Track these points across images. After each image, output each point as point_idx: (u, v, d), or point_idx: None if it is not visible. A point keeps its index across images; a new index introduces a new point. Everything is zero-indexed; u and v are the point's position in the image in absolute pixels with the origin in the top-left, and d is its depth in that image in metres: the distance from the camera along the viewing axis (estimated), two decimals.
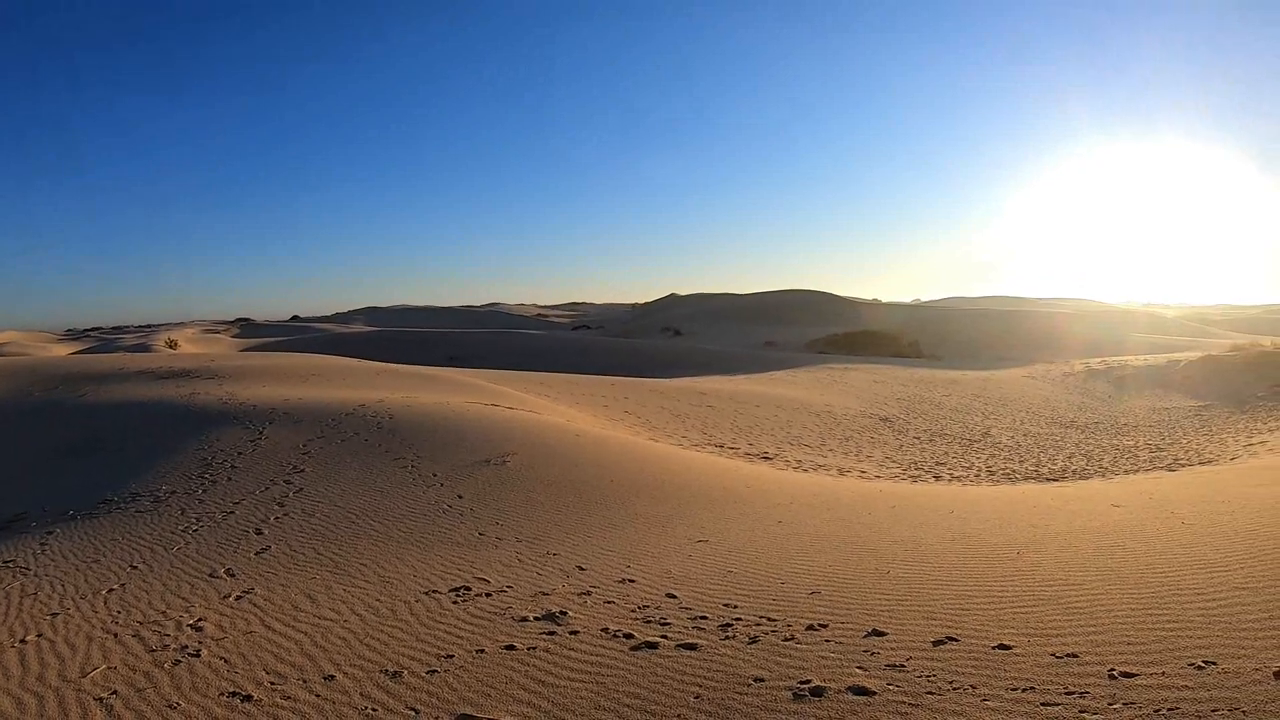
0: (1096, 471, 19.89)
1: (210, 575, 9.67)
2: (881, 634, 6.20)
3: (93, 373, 28.39)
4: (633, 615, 7.35)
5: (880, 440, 25.50)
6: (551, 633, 7.00)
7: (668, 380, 38.67)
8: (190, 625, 7.78)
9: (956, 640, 5.93)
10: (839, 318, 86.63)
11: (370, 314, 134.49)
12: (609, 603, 7.84)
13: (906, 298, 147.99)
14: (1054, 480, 18.88)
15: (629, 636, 6.73)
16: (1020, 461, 21.90)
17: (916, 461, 22.13)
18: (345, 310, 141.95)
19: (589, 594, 8.17)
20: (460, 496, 13.07)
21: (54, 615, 8.42)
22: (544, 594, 8.25)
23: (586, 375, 38.30)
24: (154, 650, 7.13)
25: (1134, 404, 32.64)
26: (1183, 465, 20.07)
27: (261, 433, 17.61)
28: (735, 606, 7.37)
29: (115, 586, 9.40)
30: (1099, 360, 45.70)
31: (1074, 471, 20.06)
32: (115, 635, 7.62)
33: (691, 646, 6.35)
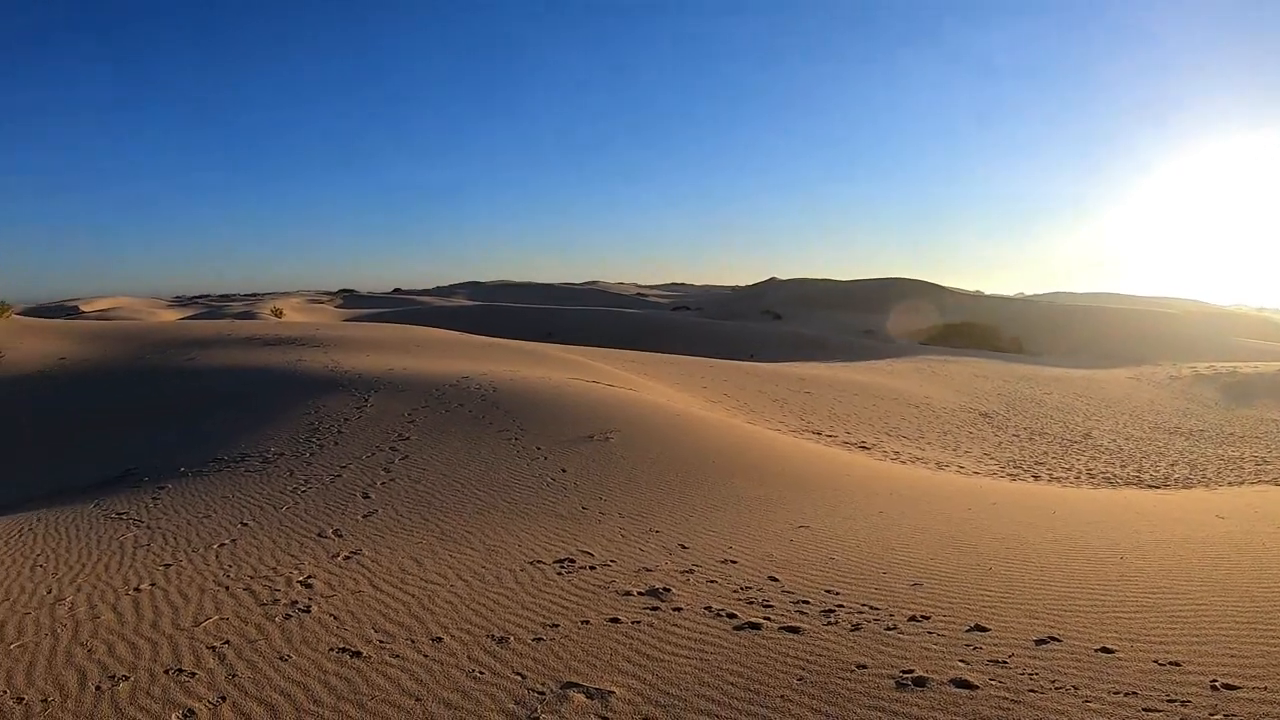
0: (1200, 481, 19.10)
1: (319, 535, 9.74)
2: (984, 629, 6.03)
3: (200, 338, 29.28)
4: (735, 595, 7.18)
5: (979, 436, 24.94)
6: (655, 608, 6.85)
7: (767, 364, 38.35)
8: (300, 582, 7.80)
9: (1059, 640, 5.74)
10: (941, 309, 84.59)
11: (471, 288, 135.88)
12: (711, 582, 7.65)
13: (1010, 290, 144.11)
14: (1155, 487, 18.11)
15: (732, 616, 6.57)
16: (1122, 466, 21.18)
17: (1015, 460, 21.58)
18: (447, 284, 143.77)
19: (692, 572, 7.99)
20: (564, 470, 12.99)
21: (166, 566, 8.55)
22: (647, 570, 8.09)
23: (685, 356, 38.13)
24: (265, 604, 7.16)
25: (1242, 413, 31.31)
26: None
27: (367, 400, 17.82)
28: (837, 593, 7.16)
29: (226, 541, 9.53)
30: (1207, 365, 44.19)
31: (1177, 479, 19.29)
32: (227, 588, 7.68)
33: (794, 630, 6.18)
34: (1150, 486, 18.22)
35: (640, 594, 7.27)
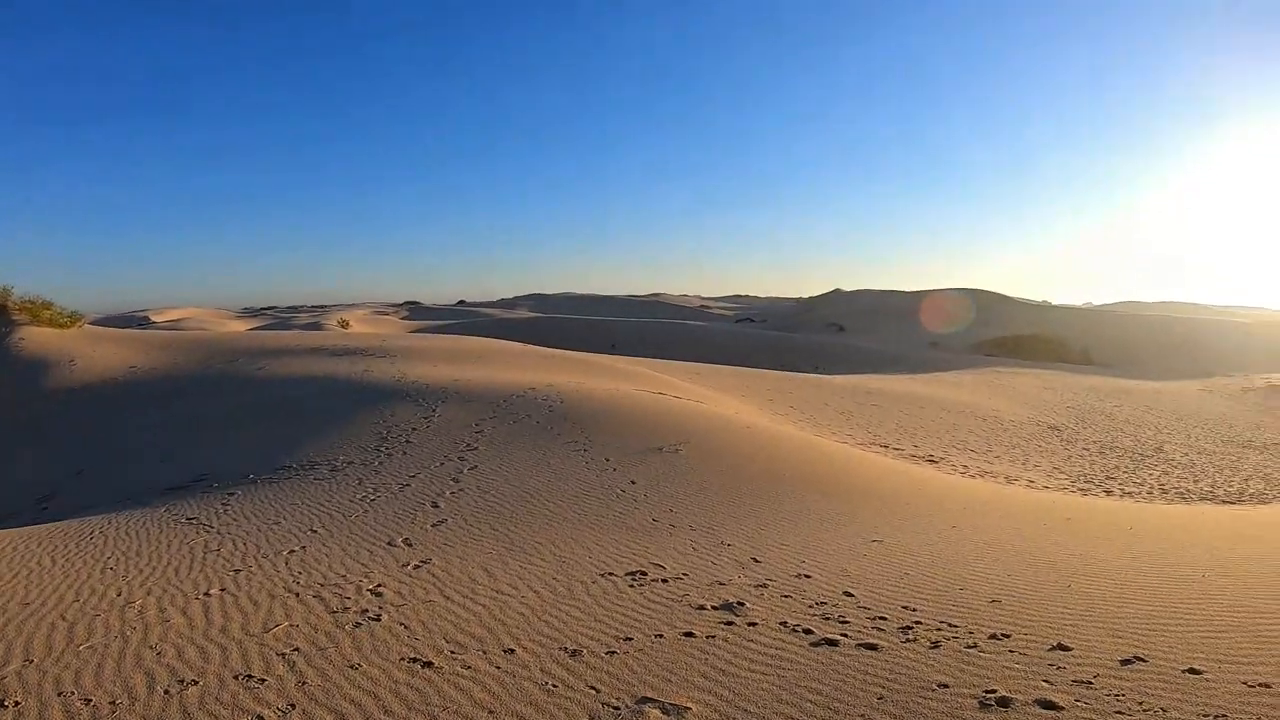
0: (1277, 496, 18.78)
1: (388, 544, 9.65)
2: (1066, 648, 5.81)
3: (269, 348, 29.61)
4: (810, 611, 6.96)
5: (1048, 450, 24.49)
6: (729, 623, 6.65)
7: (832, 377, 38.11)
8: (370, 590, 7.69)
9: (1144, 661, 5.54)
10: (1008, 320, 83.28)
11: (535, 300, 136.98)
12: (786, 596, 7.43)
13: (1077, 299, 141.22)
14: (1230, 503, 17.75)
15: (808, 632, 6.36)
16: (1195, 480, 20.69)
17: (1086, 474, 21.19)
18: (510, 296, 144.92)
19: (765, 586, 7.76)
20: (633, 482, 12.79)
21: (237, 572, 8.50)
22: (720, 584, 7.87)
23: (750, 369, 37.90)
24: (335, 612, 7.05)
25: None
26: None
27: (434, 410, 17.81)
28: (914, 610, 6.93)
29: (296, 548, 9.47)
30: None
31: (1252, 495, 18.90)
32: (296, 595, 7.59)
33: (872, 647, 5.98)
34: (1225, 502, 17.94)
35: (714, 608, 7.06)
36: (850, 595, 7.42)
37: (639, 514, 11.15)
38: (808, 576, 8.15)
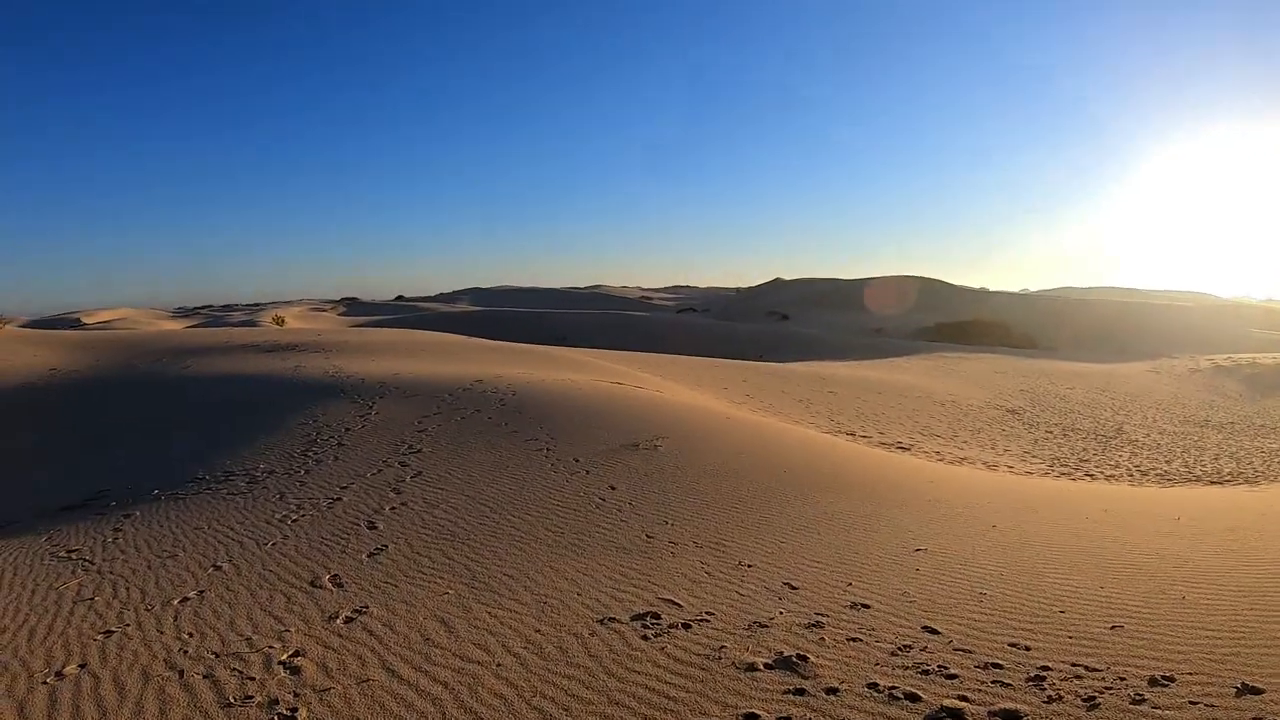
0: (1261, 476, 18.20)
1: (311, 584, 7.43)
2: (1256, 690, 4.43)
3: (197, 346, 27.42)
4: (896, 661, 5.17)
5: (1013, 434, 23.68)
6: (799, 690, 4.80)
7: (785, 364, 36.93)
8: (283, 663, 5.53)
9: None
10: (948, 306, 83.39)
11: (475, 294, 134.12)
12: (853, 640, 5.58)
13: (1013, 286, 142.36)
14: (1217, 484, 17.08)
15: (913, 698, 4.62)
16: (1167, 461, 20.19)
17: (1058, 457, 20.41)
18: (450, 290, 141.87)
19: (819, 626, 5.85)
20: (613, 488, 10.68)
21: (107, 634, 6.31)
22: (761, 625, 5.91)
23: (699, 357, 36.23)
24: (232, 703, 4.93)
25: (1269, 404, 30.92)
26: None
27: (371, 407, 15.62)
28: (1027, 648, 5.30)
29: (191, 594, 7.26)
30: (1225, 357, 43.67)
31: (1230, 474, 18.34)
32: (180, 673, 5.44)
33: (1015, 717, 4.32)
34: (1213, 483, 17.34)
35: (769, 666, 5.18)
36: (934, 632, 5.69)
37: (628, 529, 9.05)
38: (866, 606, 6.34)
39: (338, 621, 6.36)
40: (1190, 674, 4.71)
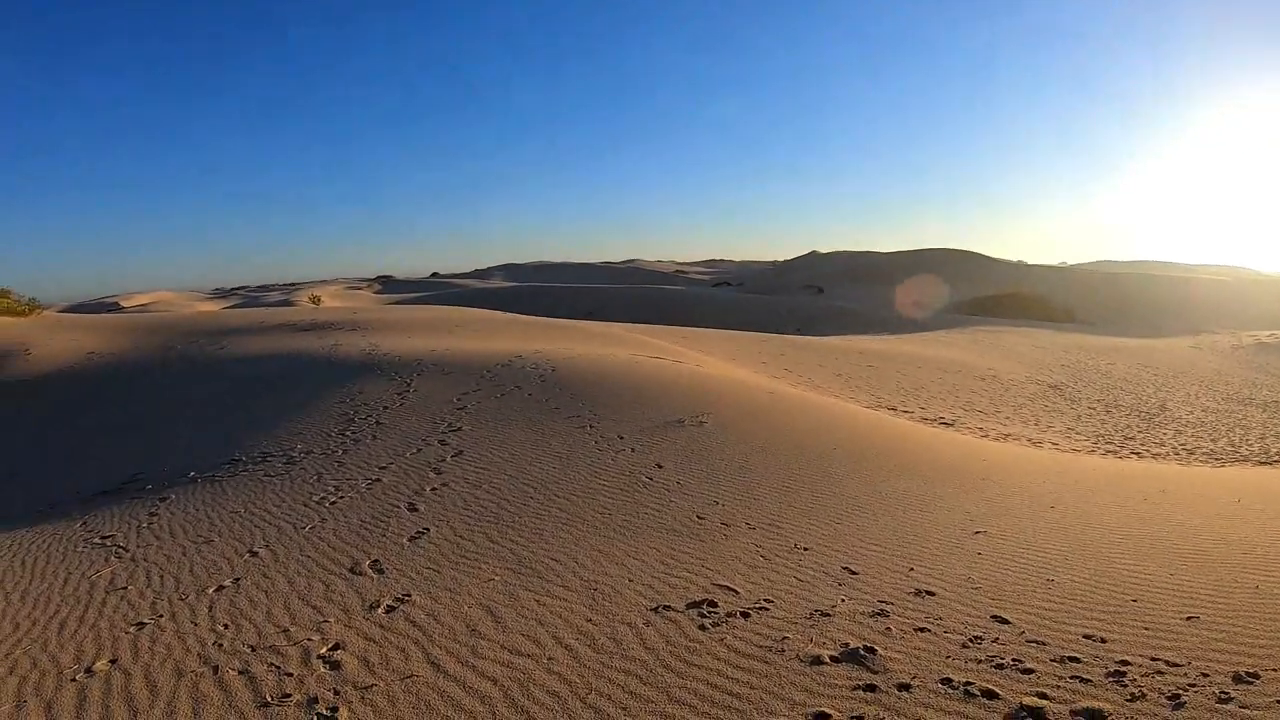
0: None
1: (351, 570, 7.12)
2: None
3: (234, 326, 27.28)
4: (968, 654, 4.80)
5: (1055, 409, 22.93)
6: (869, 686, 4.44)
7: (823, 338, 36.36)
8: (322, 657, 5.23)
9: None
10: (985, 279, 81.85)
11: (509, 270, 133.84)
12: (920, 630, 5.21)
13: (1052, 260, 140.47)
14: (1267, 464, 16.24)
15: (990, 695, 4.28)
16: (1213, 440, 19.29)
17: (1103, 434, 19.66)
18: (484, 267, 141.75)
19: (884, 615, 5.49)
20: (660, 466, 10.31)
21: (139, 627, 6.03)
22: (823, 614, 5.54)
23: (735, 331, 35.78)
24: (269, 703, 4.63)
25: None
26: None
27: (409, 385, 15.33)
28: (1103, 640, 4.93)
29: (227, 582, 6.98)
30: (1268, 333, 42.75)
31: (1279, 455, 17.46)
32: (215, 669, 5.15)
33: (1098, 715, 4.03)
34: (1262, 463, 16.53)
35: (835, 660, 4.82)
36: (1004, 622, 5.32)
37: (677, 509, 8.68)
38: (930, 593, 5.97)
39: (379, 611, 6.04)
40: (1274, 670, 4.43)
